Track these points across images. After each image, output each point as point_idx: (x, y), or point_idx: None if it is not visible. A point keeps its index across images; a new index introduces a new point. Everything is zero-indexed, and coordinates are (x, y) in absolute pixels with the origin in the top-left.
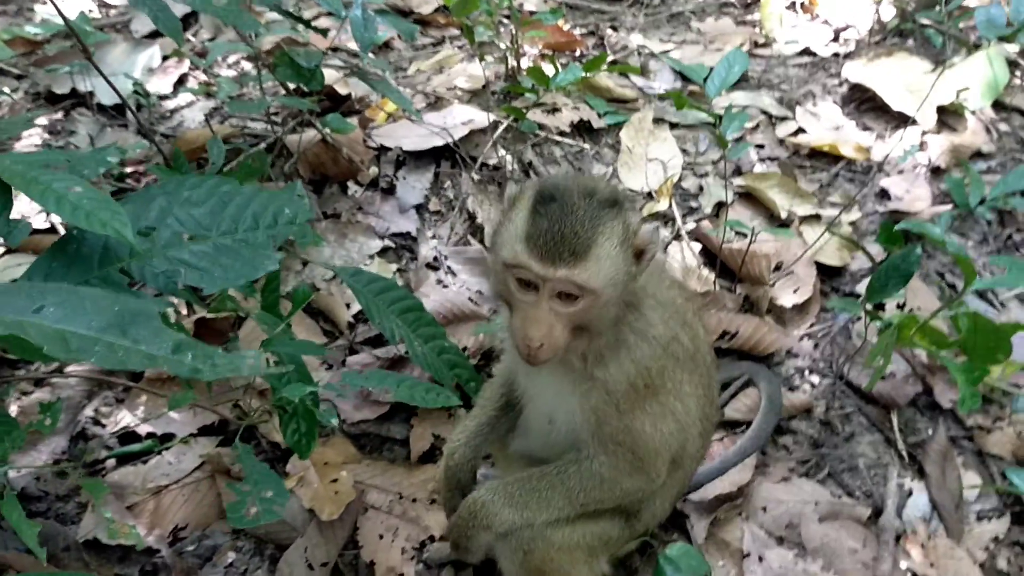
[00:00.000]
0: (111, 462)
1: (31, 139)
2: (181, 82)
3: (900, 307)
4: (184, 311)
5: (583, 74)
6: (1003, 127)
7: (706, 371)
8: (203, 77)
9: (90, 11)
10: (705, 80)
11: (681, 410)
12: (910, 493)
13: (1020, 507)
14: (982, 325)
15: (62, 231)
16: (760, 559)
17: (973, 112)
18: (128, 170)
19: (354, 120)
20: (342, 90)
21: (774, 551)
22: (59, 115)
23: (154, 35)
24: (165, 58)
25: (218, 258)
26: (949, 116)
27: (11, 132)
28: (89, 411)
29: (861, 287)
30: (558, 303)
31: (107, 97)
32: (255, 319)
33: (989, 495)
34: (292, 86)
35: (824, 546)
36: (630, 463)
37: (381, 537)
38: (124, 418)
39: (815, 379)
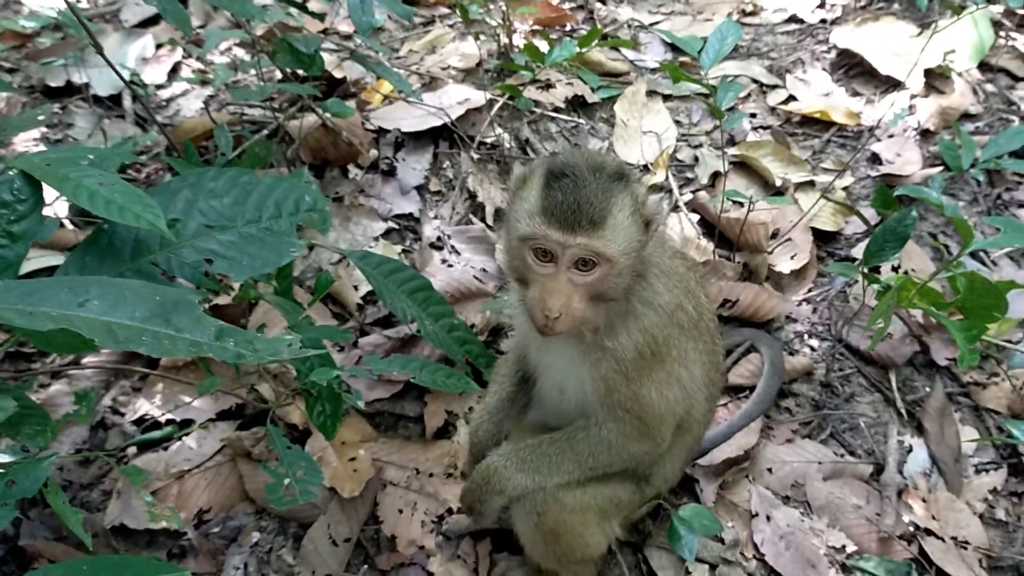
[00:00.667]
0: (132, 450)
1: (29, 133)
2: (175, 71)
3: (895, 269)
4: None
5: (577, 50)
6: (989, 87)
7: (710, 338)
8: (198, 65)
9: (78, 1)
10: (700, 52)
11: (686, 376)
12: (910, 449)
13: (1017, 459)
14: (979, 284)
15: (69, 225)
16: (768, 519)
17: (960, 74)
18: (125, 162)
19: (351, 104)
20: (337, 74)
21: (781, 510)
22: (56, 108)
23: (145, 24)
24: (158, 47)
25: (245, 247)
26: (936, 79)
27: (22, 128)
28: (107, 401)
29: (856, 251)
30: (576, 273)
31: (103, 88)
32: (274, 304)
33: (987, 448)
34: (289, 71)
35: (829, 504)
36: (636, 428)
37: (401, 512)
38: (142, 406)
39: (814, 343)
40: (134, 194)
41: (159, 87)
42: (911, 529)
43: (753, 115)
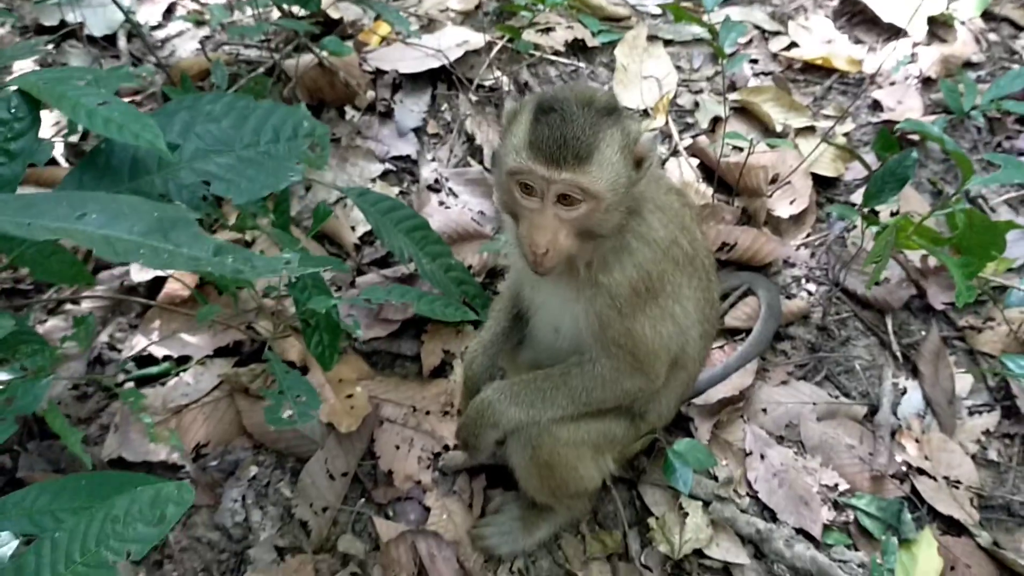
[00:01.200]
0: (130, 386)
1: (22, 71)
2: (170, 11)
3: (893, 215)
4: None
5: None
6: (992, 37)
7: (705, 274)
8: (193, 5)
9: None
10: None
11: (680, 313)
12: (904, 392)
13: (1010, 401)
14: (977, 221)
15: (63, 163)
16: (762, 457)
17: (963, 22)
18: (125, 100)
19: (348, 44)
20: (334, 14)
21: (775, 449)
22: (50, 47)
23: None
24: None
25: (243, 170)
26: (939, 27)
27: (16, 57)
28: (104, 337)
29: (855, 197)
30: (562, 208)
31: (98, 28)
32: (272, 236)
33: (980, 391)
34: (286, 9)
35: (823, 443)
36: (630, 364)
37: (397, 448)
38: (139, 342)
39: (812, 287)
40: (133, 113)
41: (154, 28)
42: (903, 468)
43: (755, 61)
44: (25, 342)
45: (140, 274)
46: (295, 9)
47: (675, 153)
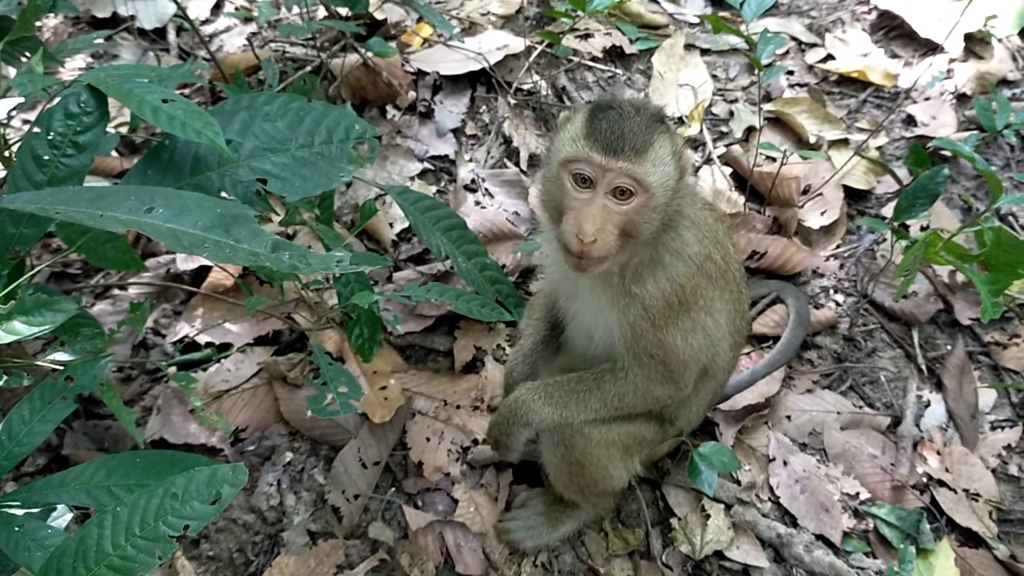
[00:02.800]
0: (172, 369)
1: (75, 63)
2: (218, 7)
3: (923, 229)
4: None
5: None
6: None
7: (736, 287)
8: (241, 1)
9: None
10: (742, 4)
11: (711, 325)
12: (928, 404)
13: None
14: (1006, 239)
15: (113, 152)
16: (785, 463)
17: (1000, 40)
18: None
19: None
20: (378, 16)
21: (798, 456)
22: (101, 40)
23: None
24: None
25: (298, 169)
26: (976, 44)
27: (78, 50)
28: (149, 322)
29: (886, 210)
30: (613, 201)
31: (148, 21)
32: (317, 232)
33: (1003, 407)
34: (332, 10)
35: (845, 452)
36: (661, 373)
37: (428, 440)
38: (183, 329)
39: (840, 298)
40: (195, 111)
41: (202, 23)
42: (924, 480)
43: (790, 72)
44: (83, 325)
45: (185, 263)
46: (341, 9)
47: (709, 161)
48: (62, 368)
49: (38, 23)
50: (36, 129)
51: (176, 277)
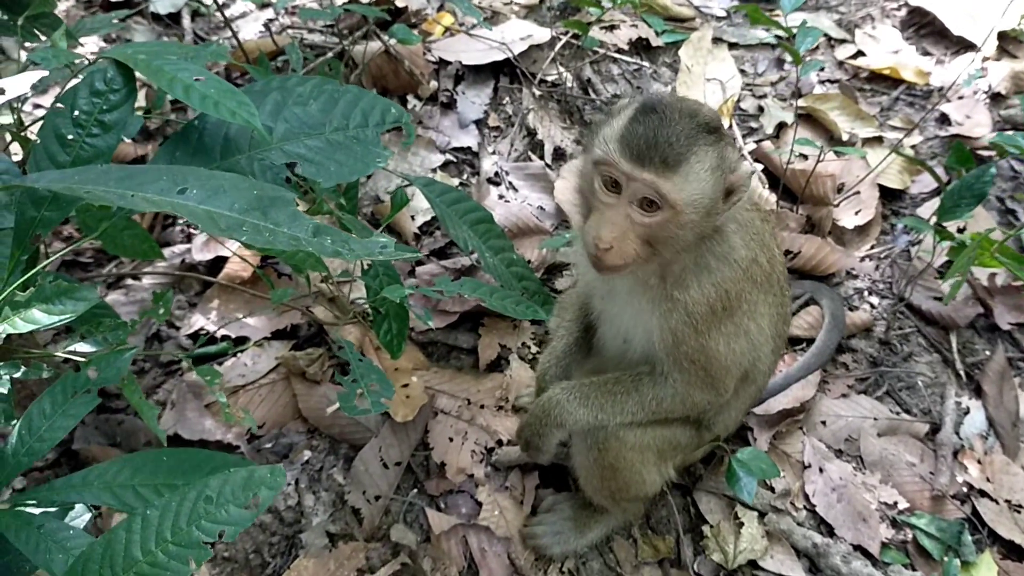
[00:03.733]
0: (187, 363)
1: (87, 47)
2: None
3: (960, 231)
4: None
5: None
6: None
7: (780, 290)
8: None
9: None
10: None
11: (755, 329)
12: (967, 411)
13: None
14: None
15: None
16: (820, 470)
17: None
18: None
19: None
20: (399, 3)
21: (834, 463)
22: (118, 20)
23: None
24: None
25: (332, 153)
26: (1010, 43)
27: (96, 30)
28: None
29: (921, 210)
30: (637, 210)
31: (163, 6)
32: (345, 222)
33: None
34: None
35: (882, 460)
36: (701, 379)
37: (451, 440)
38: (198, 321)
39: (874, 299)
40: (229, 90)
41: (217, 8)
42: (964, 489)
43: (821, 68)
44: (103, 316)
45: (201, 253)
46: None
47: (740, 157)
48: (81, 360)
49: None
50: (59, 106)
51: (191, 267)
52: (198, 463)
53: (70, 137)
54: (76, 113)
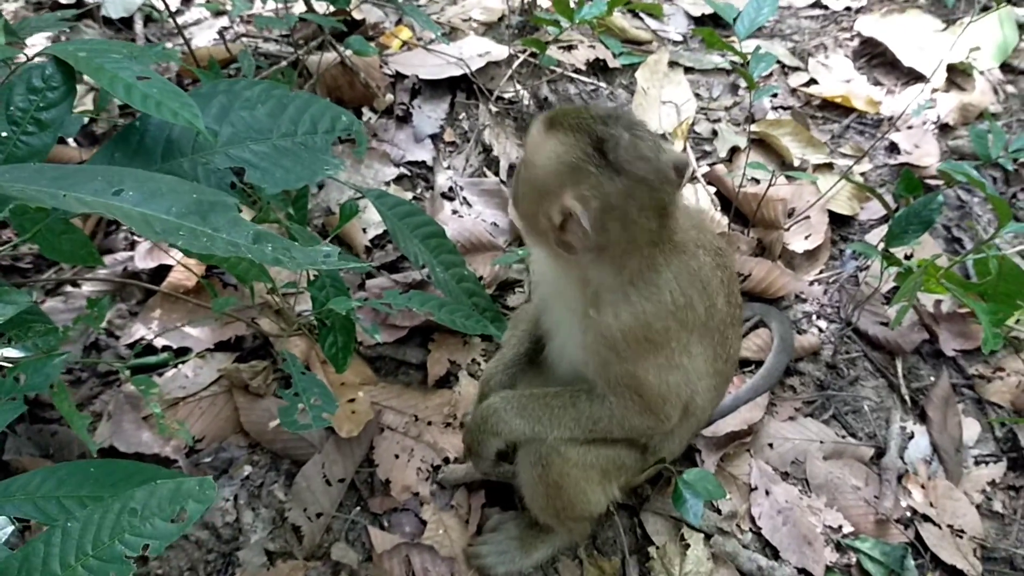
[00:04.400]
0: (125, 373)
1: (34, 48)
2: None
3: (907, 258)
4: None
5: (605, 7)
6: (1010, 88)
7: (719, 334)
8: None
9: None
10: (735, 20)
11: (689, 366)
12: (911, 436)
13: (1017, 453)
14: (1008, 269)
15: (71, 142)
16: (767, 493)
17: (982, 72)
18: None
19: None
20: (357, 16)
21: (780, 486)
22: (66, 19)
23: None
24: None
25: (279, 159)
26: (958, 75)
27: (41, 28)
28: (103, 322)
29: (870, 236)
30: None
31: (115, 10)
32: (292, 232)
33: (987, 441)
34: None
35: (828, 483)
36: (638, 404)
37: (397, 457)
38: (138, 331)
39: (823, 324)
40: (172, 90)
41: (170, 14)
42: (908, 514)
43: (774, 95)
44: (34, 321)
45: (144, 261)
46: (319, 6)
47: (693, 179)
48: (8, 366)
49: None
50: None
51: (133, 276)
52: (127, 475)
53: (3, 135)
54: (11, 110)
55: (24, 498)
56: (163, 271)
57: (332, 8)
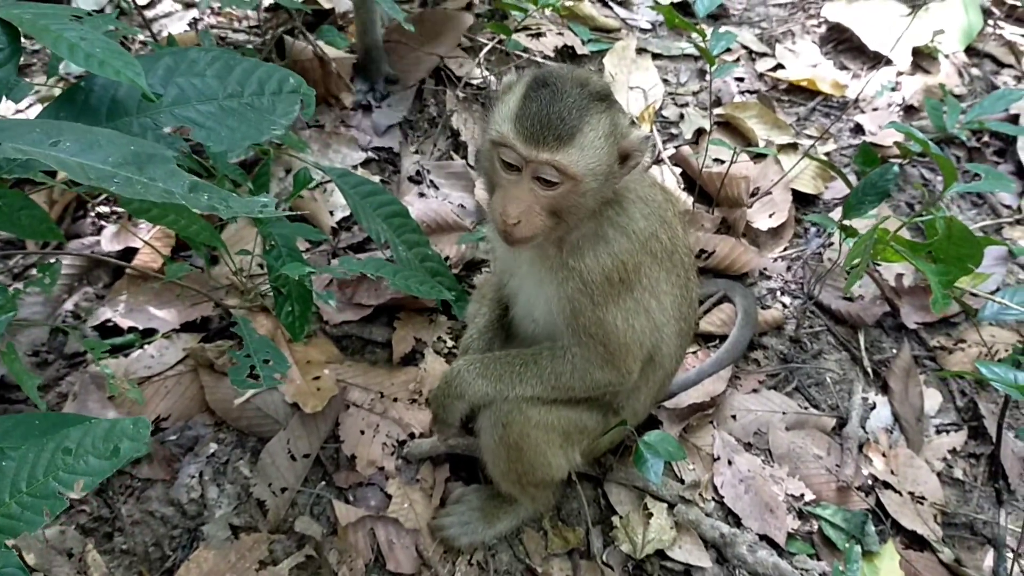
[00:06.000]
0: (91, 355)
1: None
2: None
3: None
4: None
5: None
6: (975, 71)
7: (684, 271)
8: None
9: None
10: (694, 1)
11: (656, 307)
12: (873, 407)
13: (977, 421)
14: (957, 230)
15: None
16: (729, 463)
17: (947, 56)
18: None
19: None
20: (326, 5)
21: (743, 456)
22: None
23: None
24: None
25: (225, 119)
26: (924, 59)
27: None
28: (69, 305)
29: (834, 215)
30: (538, 186)
31: (85, 3)
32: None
33: (948, 411)
34: None
35: (790, 452)
36: (601, 356)
37: (363, 433)
38: (105, 313)
39: (786, 299)
40: (116, 50)
41: (143, 7)
42: (869, 481)
43: (740, 79)
44: None
45: (111, 244)
46: None
47: (659, 161)
48: None
49: None
50: None
51: (99, 261)
52: (71, 426)
53: None
54: None
55: None
56: (130, 255)
57: None
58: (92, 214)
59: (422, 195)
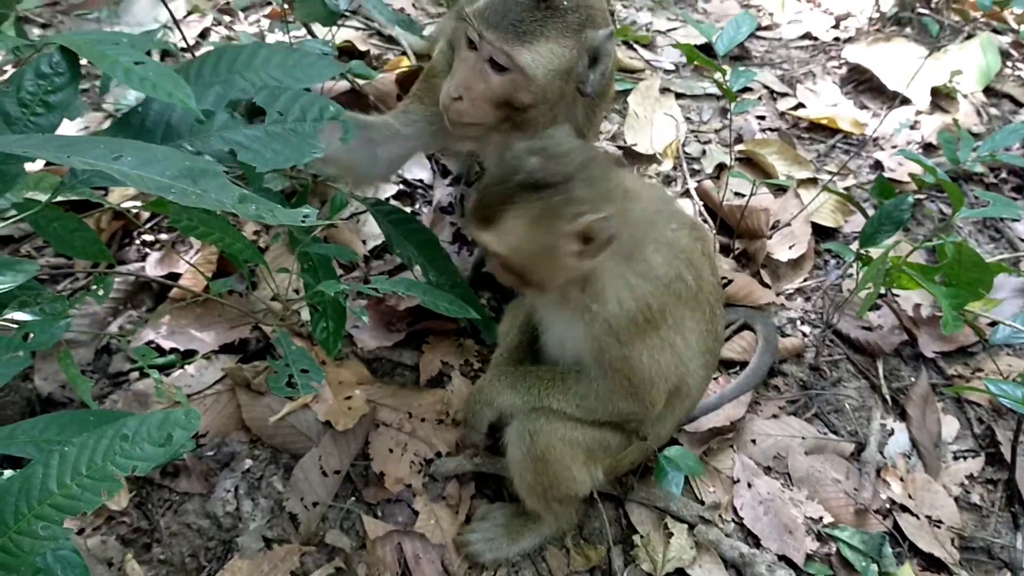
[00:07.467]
0: (134, 374)
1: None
2: (204, 36)
3: None
4: None
5: None
6: (993, 111)
7: (709, 308)
8: (226, 32)
9: None
10: (716, 38)
11: (681, 344)
12: (892, 432)
13: (995, 448)
14: (967, 255)
15: None
16: (749, 485)
17: (965, 96)
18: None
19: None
20: (361, 47)
21: (762, 479)
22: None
23: None
24: (188, 13)
25: (269, 142)
26: (942, 99)
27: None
28: (114, 327)
29: (854, 247)
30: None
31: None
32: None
33: (966, 437)
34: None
35: (809, 476)
36: (625, 388)
37: (391, 451)
38: (148, 335)
39: (806, 328)
40: (168, 74)
41: (184, 50)
42: (887, 505)
43: (761, 118)
44: (42, 293)
45: (155, 269)
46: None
47: (686, 194)
48: (15, 327)
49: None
50: (6, 87)
51: (144, 285)
52: (124, 423)
53: (15, 115)
54: (22, 93)
55: (27, 441)
56: (174, 280)
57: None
58: (137, 242)
59: (453, 224)
